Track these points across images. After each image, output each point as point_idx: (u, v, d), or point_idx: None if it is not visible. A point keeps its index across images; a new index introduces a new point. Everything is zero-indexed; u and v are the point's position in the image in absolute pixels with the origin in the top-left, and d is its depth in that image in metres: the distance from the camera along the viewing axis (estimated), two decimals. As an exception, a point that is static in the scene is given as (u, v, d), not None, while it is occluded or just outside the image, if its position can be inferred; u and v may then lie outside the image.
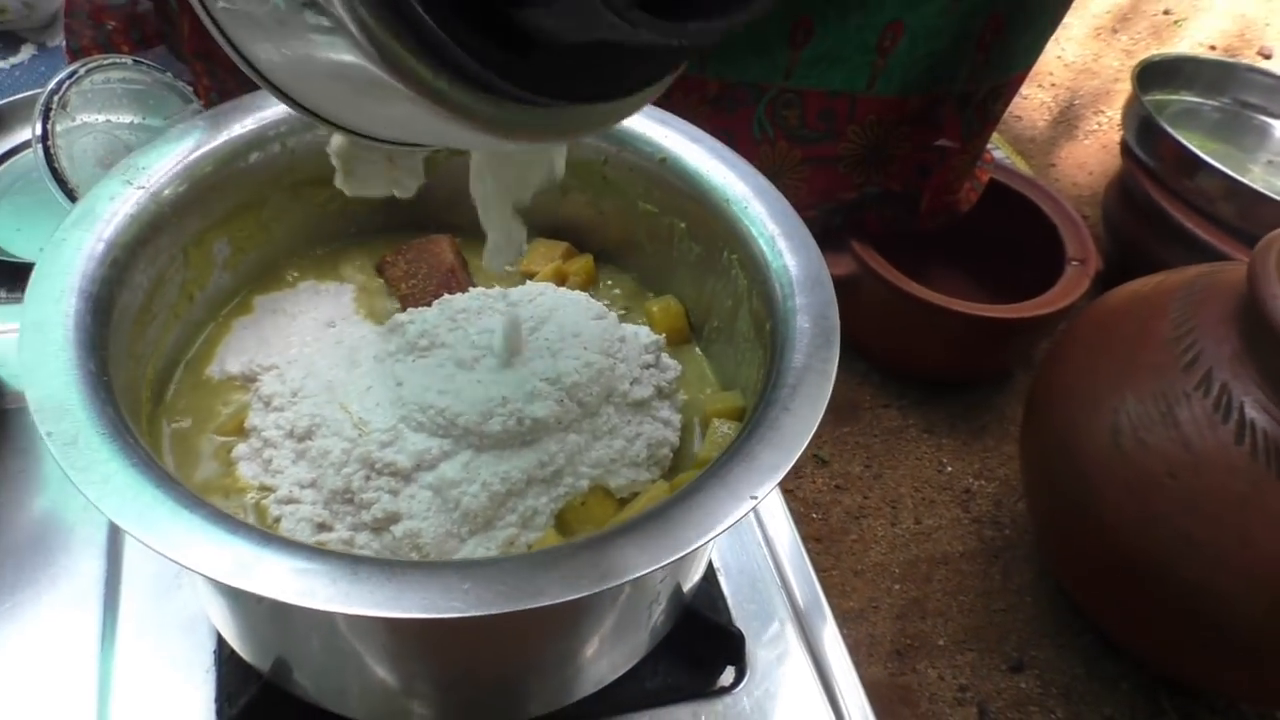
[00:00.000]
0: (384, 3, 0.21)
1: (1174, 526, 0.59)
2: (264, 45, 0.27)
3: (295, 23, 0.24)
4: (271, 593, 0.30)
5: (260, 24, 0.25)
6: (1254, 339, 0.59)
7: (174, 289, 0.45)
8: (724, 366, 0.48)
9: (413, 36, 0.21)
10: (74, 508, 0.54)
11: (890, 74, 0.78)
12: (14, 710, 0.46)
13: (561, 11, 0.20)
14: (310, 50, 0.24)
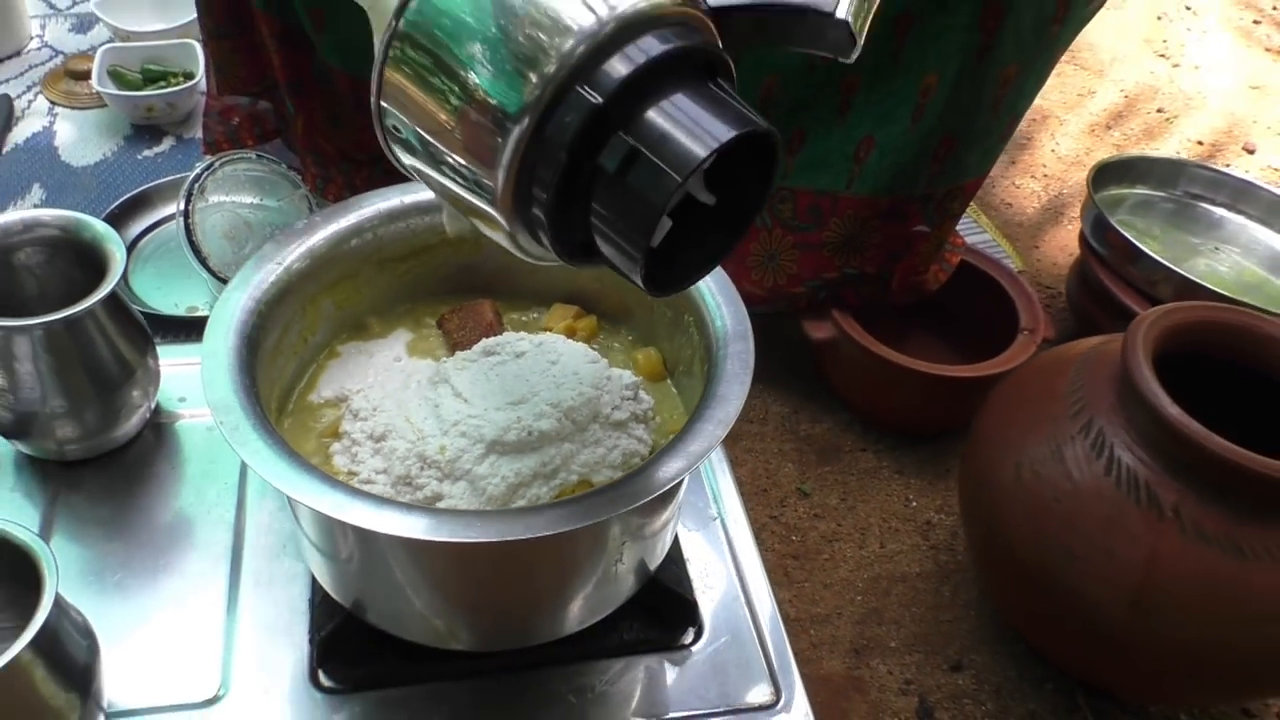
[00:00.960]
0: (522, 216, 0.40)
1: (1058, 542, 0.72)
2: (426, 172, 0.43)
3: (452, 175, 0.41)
4: (356, 521, 0.46)
5: (431, 155, 0.42)
6: (1124, 395, 0.72)
7: (295, 334, 0.62)
8: (689, 398, 0.64)
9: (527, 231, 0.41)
10: (209, 496, 0.71)
11: (864, 178, 0.94)
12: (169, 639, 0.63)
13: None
14: (457, 191, 0.42)
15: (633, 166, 0.38)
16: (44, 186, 1.25)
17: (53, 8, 1.56)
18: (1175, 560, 0.69)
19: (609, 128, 0.38)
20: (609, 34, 0.37)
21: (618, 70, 0.38)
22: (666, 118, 0.39)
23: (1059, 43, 0.89)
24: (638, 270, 0.41)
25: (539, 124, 0.38)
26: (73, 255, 0.68)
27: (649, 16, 0.38)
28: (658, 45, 0.38)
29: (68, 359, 0.66)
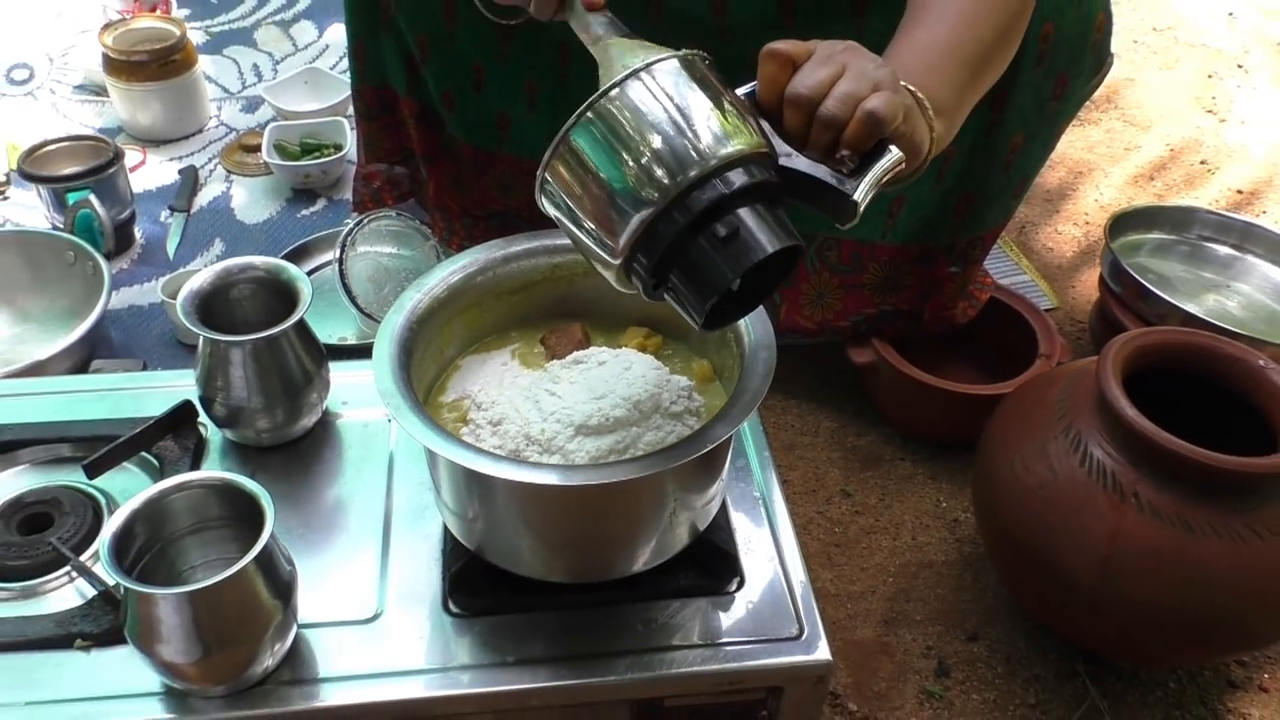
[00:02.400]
0: (629, 264, 0.60)
1: (1042, 520, 0.87)
2: (569, 223, 0.64)
3: (587, 235, 0.61)
4: (484, 469, 0.65)
5: (580, 219, 0.63)
6: (1097, 402, 0.87)
7: (435, 346, 0.82)
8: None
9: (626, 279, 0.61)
10: (365, 475, 0.91)
11: (897, 229, 1.11)
12: (339, 574, 0.83)
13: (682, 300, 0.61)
14: (583, 239, 0.62)
15: (710, 256, 0.59)
16: (223, 240, 1.50)
17: (227, 92, 1.84)
18: (1134, 534, 0.83)
19: (701, 227, 0.59)
20: (713, 168, 0.58)
21: (716, 190, 0.59)
22: (741, 225, 0.59)
23: (1061, 116, 1.04)
24: (700, 320, 0.62)
25: (655, 219, 0.59)
26: (273, 291, 0.89)
27: (737, 157, 0.59)
28: (743, 178, 0.59)
29: (267, 368, 0.87)
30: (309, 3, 2.12)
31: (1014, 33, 0.86)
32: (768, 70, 0.66)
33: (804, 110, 0.64)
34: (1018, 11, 0.85)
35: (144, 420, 0.89)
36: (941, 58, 0.78)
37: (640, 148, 0.59)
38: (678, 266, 0.61)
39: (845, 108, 0.63)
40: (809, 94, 0.64)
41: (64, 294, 1.29)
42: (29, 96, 1.80)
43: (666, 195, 0.59)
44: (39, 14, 2.04)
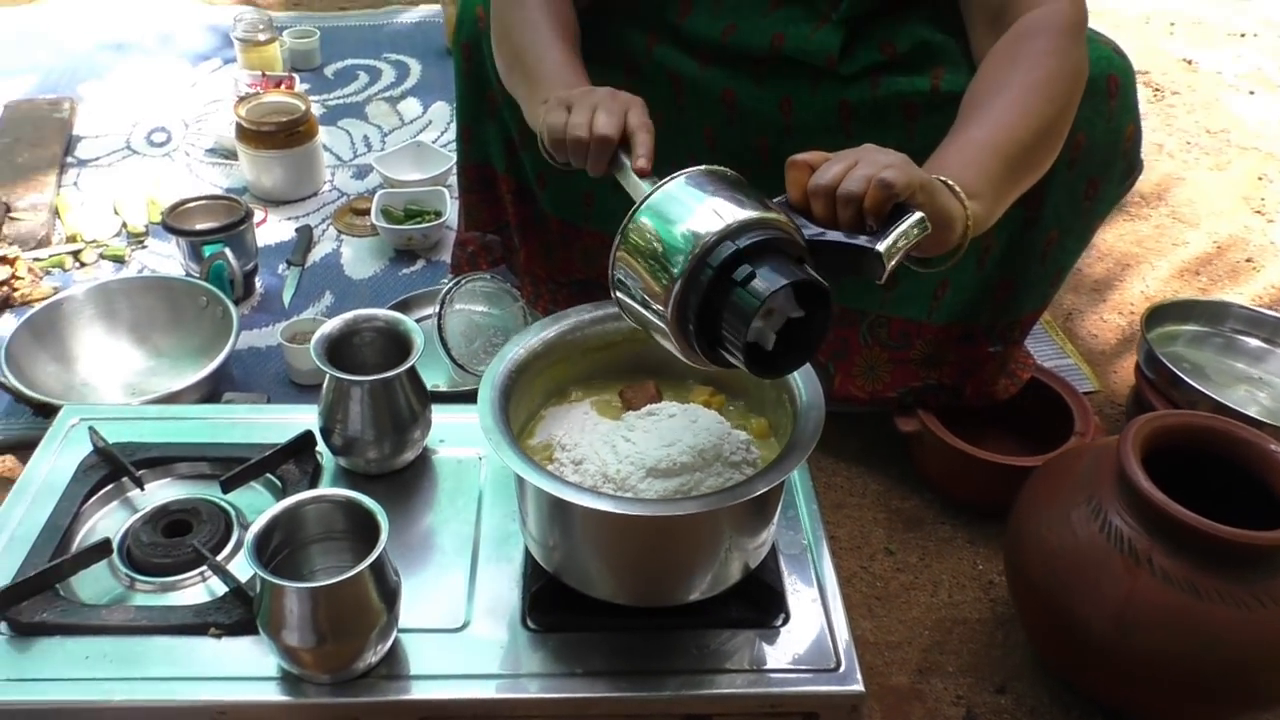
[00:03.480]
0: (683, 330, 0.72)
1: (1063, 580, 0.94)
2: (629, 300, 0.76)
3: (644, 307, 0.73)
4: (569, 497, 0.76)
5: (633, 295, 0.75)
6: (1117, 475, 0.95)
7: (527, 395, 0.93)
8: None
9: (685, 340, 0.72)
10: (458, 504, 1.02)
11: (941, 310, 1.20)
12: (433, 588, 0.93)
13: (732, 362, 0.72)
14: (644, 312, 0.74)
15: (735, 300, 0.70)
16: (332, 293, 1.64)
17: (340, 160, 2.02)
18: (1147, 596, 0.90)
19: (724, 280, 0.70)
20: (728, 230, 0.70)
21: (731, 246, 0.70)
22: (767, 267, 0.70)
23: (1094, 215, 1.14)
24: (743, 360, 0.71)
25: (694, 269, 0.70)
26: (390, 339, 1.02)
27: (752, 221, 0.71)
28: (754, 236, 0.71)
29: (380, 406, 0.99)
30: (415, 81, 2.31)
31: (1054, 134, 0.96)
32: (793, 176, 0.79)
33: (826, 197, 0.76)
34: (1055, 117, 0.95)
35: (270, 446, 1.02)
36: (977, 152, 0.89)
37: (674, 229, 0.72)
38: (714, 320, 0.72)
39: (860, 184, 0.75)
40: (828, 183, 0.76)
41: (195, 334, 1.44)
42: (166, 157, 2.00)
43: (691, 257, 0.71)
44: (177, 84, 2.26)
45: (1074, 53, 0.97)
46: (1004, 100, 0.93)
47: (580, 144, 0.90)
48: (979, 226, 0.85)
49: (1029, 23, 0.97)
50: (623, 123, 0.90)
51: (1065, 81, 0.95)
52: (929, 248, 0.83)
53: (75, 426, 1.07)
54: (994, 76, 0.96)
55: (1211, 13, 2.69)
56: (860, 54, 1.14)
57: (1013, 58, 0.96)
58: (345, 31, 2.53)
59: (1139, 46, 2.49)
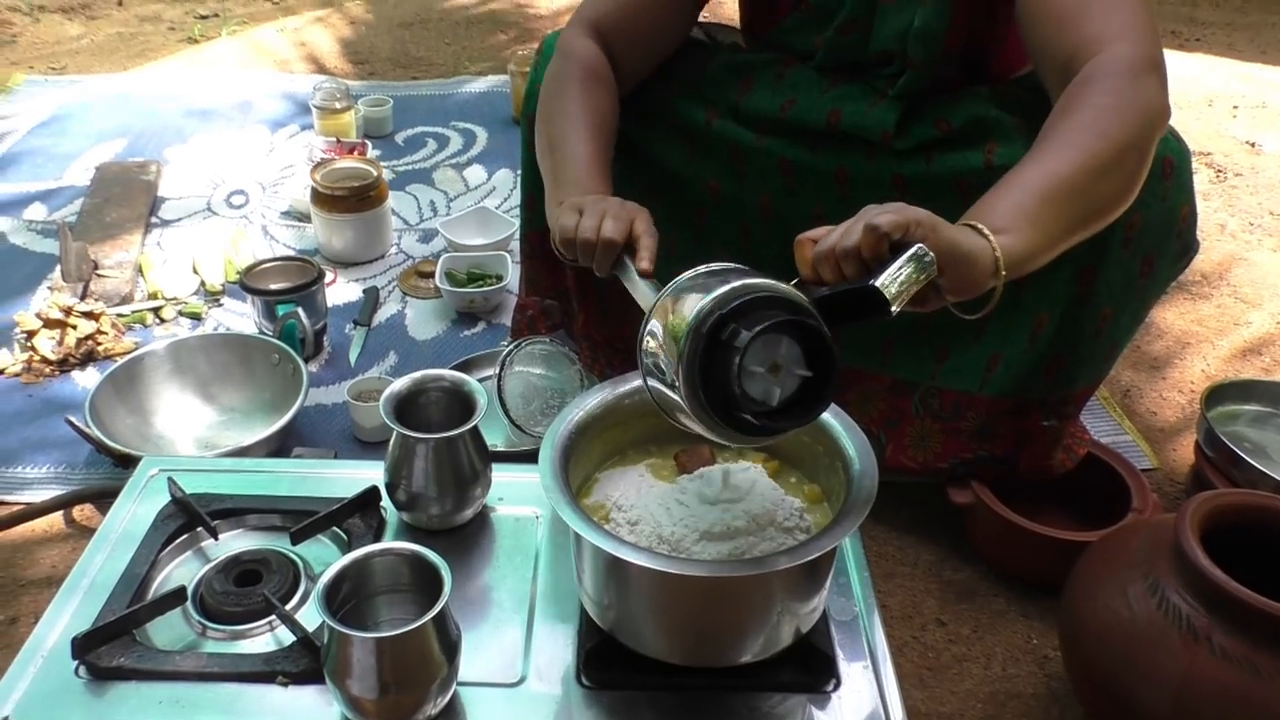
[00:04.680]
0: (696, 399, 0.74)
1: (1121, 657, 0.93)
2: (657, 386, 0.80)
3: (669, 389, 0.77)
4: (623, 554, 0.79)
5: (660, 379, 0.79)
6: (1176, 554, 0.95)
7: (585, 456, 0.97)
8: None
9: (703, 410, 0.75)
10: (515, 561, 1.04)
11: (993, 383, 1.22)
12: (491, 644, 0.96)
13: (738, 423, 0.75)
14: (667, 394, 0.77)
15: (731, 341, 0.73)
16: (397, 353, 1.70)
17: (407, 224, 2.09)
18: (1206, 674, 0.90)
19: (721, 333, 0.74)
20: (723, 295, 0.74)
21: (719, 312, 0.74)
22: (750, 318, 0.74)
23: (1149, 292, 1.15)
24: (746, 410, 0.74)
25: (692, 339, 0.74)
26: (454, 399, 1.06)
27: (747, 288, 0.75)
28: (748, 295, 0.75)
29: (444, 463, 1.03)
30: (481, 149, 2.40)
31: (1114, 169, 0.92)
32: (800, 254, 0.84)
33: (830, 260, 0.80)
34: (1108, 151, 0.91)
35: (337, 500, 1.06)
36: (1007, 190, 0.89)
37: (678, 317, 0.77)
38: (721, 383, 0.74)
39: (855, 237, 0.79)
40: (829, 248, 0.81)
41: (267, 390, 1.50)
42: (244, 219, 2.09)
43: (687, 333, 0.75)
44: (256, 150, 2.37)
45: (1132, 91, 0.94)
46: (1046, 143, 0.94)
47: (588, 246, 0.99)
48: (1017, 261, 0.85)
49: (1088, 70, 0.97)
50: (629, 229, 0.98)
51: (1119, 117, 0.92)
52: (956, 286, 0.83)
53: (154, 477, 1.12)
54: (1047, 125, 0.96)
55: (1275, 97, 2.69)
56: (915, 130, 1.18)
57: (1065, 104, 0.96)
58: (416, 100, 2.64)
59: (1203, 129, 2.50)
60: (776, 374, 0.76)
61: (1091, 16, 1.00)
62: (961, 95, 1.19)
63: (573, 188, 1.08)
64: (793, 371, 0.76)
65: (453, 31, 3.14)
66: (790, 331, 0.75)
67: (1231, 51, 3.02)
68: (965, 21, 1.15)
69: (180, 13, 3.28)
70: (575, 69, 1.18)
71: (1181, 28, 3.18)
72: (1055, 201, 0.89)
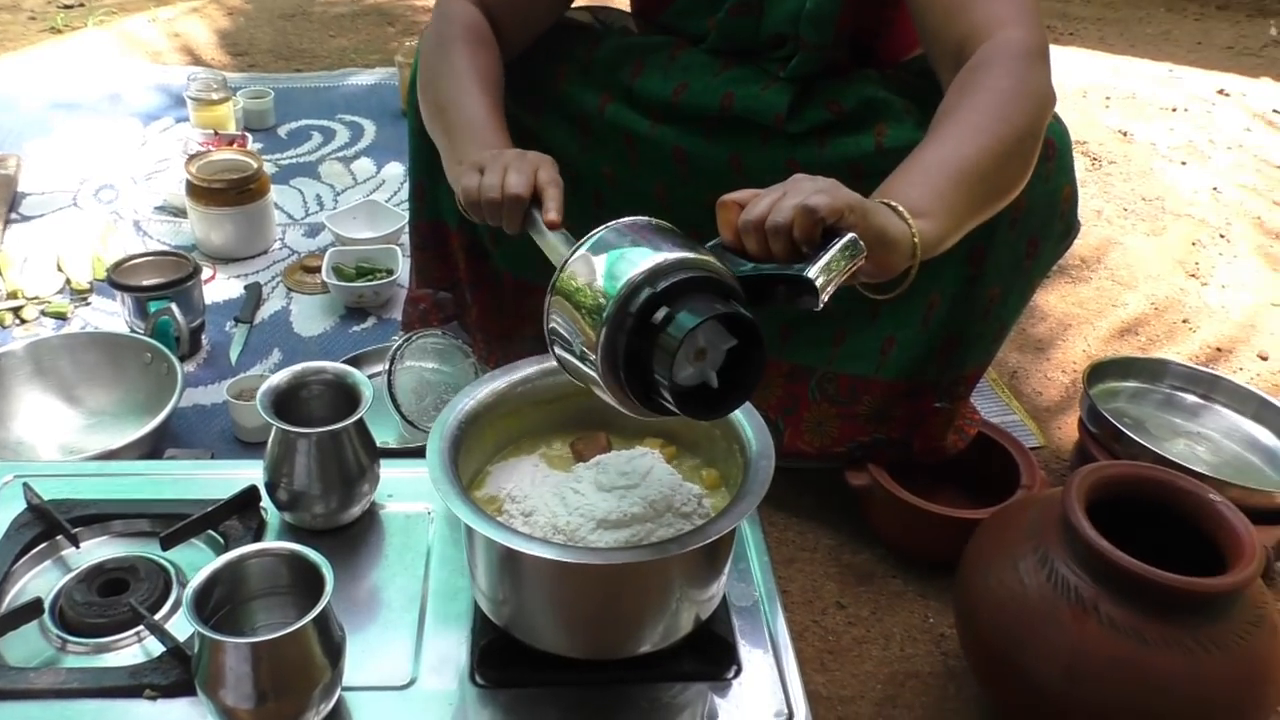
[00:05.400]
0: (614, 377, 0.71)
1: (1012, 632, 0.95)
2: (564, 355, 0.76)
3: (580, 360, 0.74)
4: (518, 546, 0.76)
5: (569, 349, 0.75)
6: (1064, 527, 0.97)
7: (477, 447, 0.93)
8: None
9: (620, 390, 0.72)
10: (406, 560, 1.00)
11: (889, 366, 1.22)
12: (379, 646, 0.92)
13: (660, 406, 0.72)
14: (579, 365, 0.74)
15: (664, 328, 0.70)
16: (281, 350, 1.63)
17: (292, 218, 2.01)
18: (1095, 644, 0.91)
19: (645, 324, 0.71)
20: (645, 276, 0.71)
21: (649, 290, 0.71)
22: (686, 306, 0.71)
23: (1034, 273, 1.17)
24: (674, 405, 0.72)
25: (616, 318, 0.71)
26: (338, 392, 1.01)
27: (679, 263, 0.72)
28: (681, 274, 0.72)
29: (327, 459, 0.98)
30: (369, 142, 2.33)
31: (1015, 155, 0.93)
32: (724, 216, 0.80)
33: (757, 232, 0.77)
34: (1011, 136, 0.92)
35: (213, 502, 1.00)
36: (922, 172, 0.89)
37: (597, 281, 0.73)
38: (645, 366, 0.72)
39: (788, 213, 0.76)
40: (757, 217, 0.77)
41: (138, 390, 1.42)
42: (114, 215, 1.98)
43: (613, 306, 0.71)
44: (127, 143, 2.25)
45: (1029, 76, 0.95)
46: (951, 122, 0.93)
47: (494, 204, 0.94)
48: (930, 245, 0.84)
49: (982, 54, 0.97)
50: (533, 180, 0.94)
51: (1020, 103, 0.94)
52: (875, 271, 0.82)
53: (9, 484, 1.04)
54: (945, 106, 0.96)
55: (1144, 88, 2.81)
56: (807, 113, 1.18)
57: (963, 86, 0.96)
58: (300, 93, 2.55)
59: (1078, 119, 2.59)
60: (701, 359, 0.73)
61: (982, 3, 1.01)
62: (851, 78, 1.19)
63: (471, 145, 1.03)
64: (718, 355, 0.73)
65: (337, 24, 3.04)
66: (724, 320, 0.72)
67: (1103, 45, 3.14)
68: (855, 3, 1.16)
69: (42, 1, 3.10)
70: (458, 29, 1.14)
71: (1056, 22, 3.30)
72: (964, 185, 0.89)
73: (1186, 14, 3.46)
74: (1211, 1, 3.56)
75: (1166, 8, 3.51)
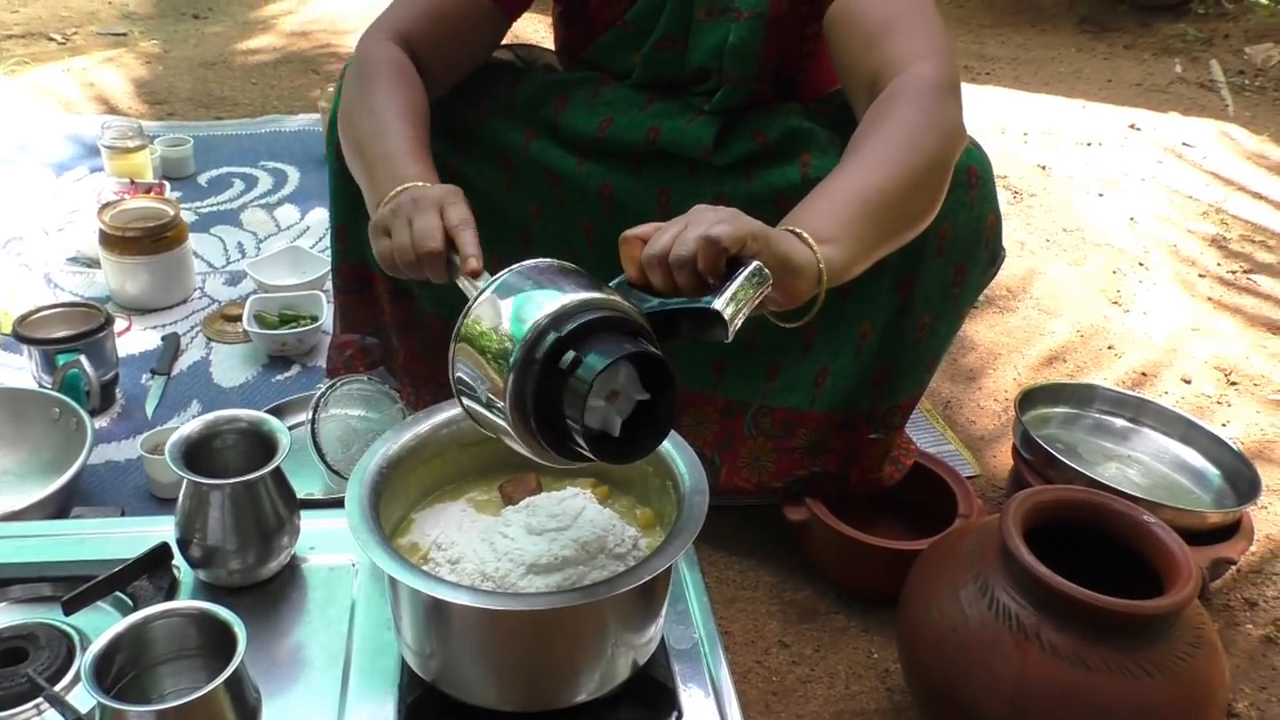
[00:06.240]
0: (525, 425, 0.68)
1: (957, 663, 0.93)
2: (472, 405, 0.73)
3: (488, 409, 0.71)
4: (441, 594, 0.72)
5: (476, 399, 0.72)
6: (1001, 552, 0.96)
7: (401, 492, 0.89)
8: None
9: (532, 437, 0.69)
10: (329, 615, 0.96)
11: (823, 398, 1.21)
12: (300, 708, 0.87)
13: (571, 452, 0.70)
14: (488, 415, 0.71)
15: (572, 372, 0.68)
16: (200, 402, 1.57)
17: (212, 267, 1.96)
18: (1039, 673, 0.90)
19: (552, 370, 0.69)
20: (548, 321, 0.69)
21: (553, 335, 0.69)
22: (593, 348, 0.68)
23: (963, 300, 1.18)
24: (590, 451, 0.70)
25: (523, 363, 0.69)
26: (254, 440, 0.97)
27: (584, 304, 0.70)
28: (587, 315, 0.70)
29: (243, 511, 0.93)
30: (293, 189, 2.29)
31: (923, 187, 0.94)
32: (627, 251, 0.78)
33: (661, 266, 0.75)
34: (920, 167, 0.93)
35: (120, 562, 0.94)
36: (828, 200, 0.89)
37: (501, 327, 0.71)
38: (554, 413, 0.70)
39: (690, 245, 0.74)
40: (660, 251, 0.75)
41: (45, 448, 1.35)
42: (23, 267, 1.90)
43: (518, 351, 0.69)
44: (37, 194, 2.18)
45: (938, 110, 0.97)
46: (861, 153, 0.94)
47: (412, 266, 0.90)
48: (836, 272, 0.84)
49: (894, 87, 0.99)
50: (441, 226, 0.89)
51: (929, 135, 0.95)
52: (782, 298, 0.81)
53: (-103, 550, 0.97)
54: (856, 137, 0.97)
55: (1060, 124, 2.89)
56: (733, 145, 1.17)
57: (873, 118, 0.97)
58: (220, 140, 2.50)
59: (998, 154, 2.61)
60: (614, 400, 0.71)
61: (896, 37, 1.03)
62: (776, 110, 1.19)
63: (389, 180, 0.98)
64: (630, 396, 0.71)
65: (259, 71, 3.00)
66: (633, 359, 0.70)
67: (1018, 84, 3.23)
68: (777, 38, 1.16)
69: (-49, 51, 3.01)
70: (381, 67, 1.11)
71: (973, 62, 3.39)
72: (871, 213, 0.89)
73: (1095, 53, 3.58)
74: (1119, 41, 3.69)
75: (1076, 48, 3.63)
